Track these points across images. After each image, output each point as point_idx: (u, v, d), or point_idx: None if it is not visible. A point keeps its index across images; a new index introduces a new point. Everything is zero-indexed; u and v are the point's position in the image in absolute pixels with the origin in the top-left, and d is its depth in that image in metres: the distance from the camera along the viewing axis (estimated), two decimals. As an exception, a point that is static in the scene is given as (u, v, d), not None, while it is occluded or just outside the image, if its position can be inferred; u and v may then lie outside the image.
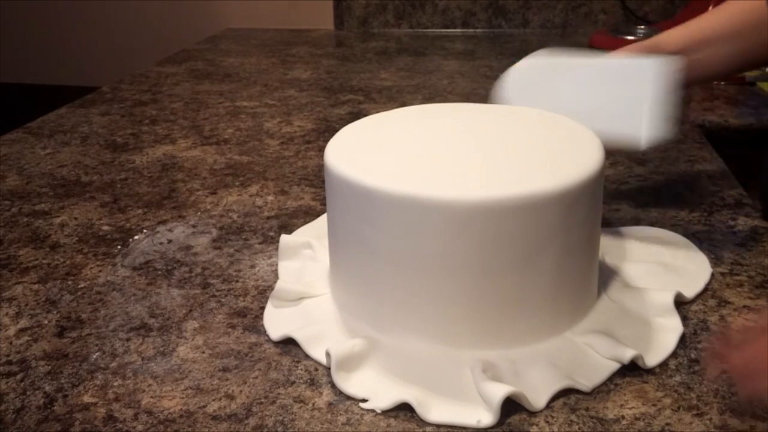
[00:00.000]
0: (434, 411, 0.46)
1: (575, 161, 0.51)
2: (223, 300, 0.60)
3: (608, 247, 0.64)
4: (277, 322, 0.56)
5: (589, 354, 0.51)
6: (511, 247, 0.48)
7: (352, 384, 0.49)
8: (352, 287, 0.55)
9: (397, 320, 0.52)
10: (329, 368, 0.51)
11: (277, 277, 0.63)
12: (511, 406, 0.46)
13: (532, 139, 0.57)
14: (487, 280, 0.49)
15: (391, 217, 0.49)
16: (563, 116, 0.60)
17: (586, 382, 0.48)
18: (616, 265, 0.62)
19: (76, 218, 0.75)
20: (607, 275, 0.60)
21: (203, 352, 0.53)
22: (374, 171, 0.51)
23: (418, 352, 0.51)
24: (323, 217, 0.71)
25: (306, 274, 0.61)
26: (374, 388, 0.48)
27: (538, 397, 0.47)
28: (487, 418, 0.45)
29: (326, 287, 0.59)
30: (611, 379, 0.49)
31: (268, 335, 0.55)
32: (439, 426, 0.45)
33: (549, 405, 0.47)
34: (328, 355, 0.50)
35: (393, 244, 0.49)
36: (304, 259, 0.64)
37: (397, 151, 0.55)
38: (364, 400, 0.47)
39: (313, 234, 0.67)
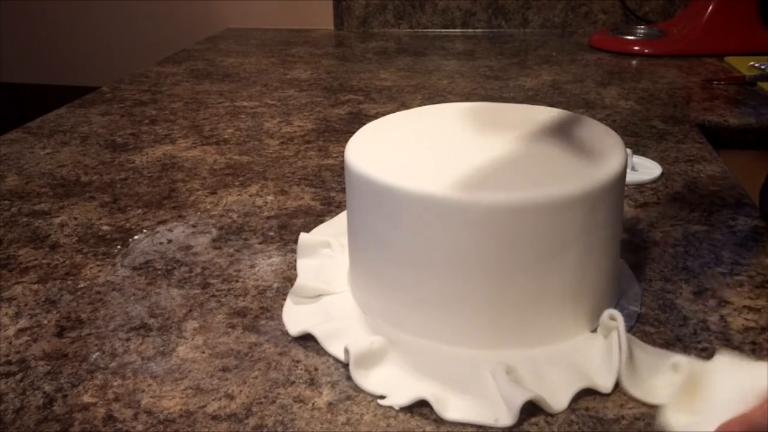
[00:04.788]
0: (452, 409, 0.46)
1: (598, 162, 0.51)
2: (223, 300, 0.60)
3: None
4: (296, 317, 0.56)
5: (608, 355, 0.50)
6: (532, 248, 0.48)
7: (370, 381, 0.49)
8: (372, 285, 0.55)
9: (416, 318, 0.52)
10: (329, 368, 0.51)
11: (277, 276, 0.63)
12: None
13: (555, 139, 0.56)
14: (507, 281, 0.49)
15: (411, 216, 0.49)
16: (586, 116, 0.60)
17: (605, 384, 0.48)
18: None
19: (75, 218, 0.75)
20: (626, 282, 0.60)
21: (203, 352, 0.53)
22: (396, 169, 0.50)
23: (436, 350, 0.51)
24: (342, 216, 0.71)
25: (325, 272, 0.61)
26: (392, 385, 0.48)
27: (559, 399, 0.47)
28: (506, 419, 0.45)
29: (345, 285, 0.59)
30: (611, 379, 0.49)
31: (268, 335, 0.55)
32: (440, 426, 0.46)
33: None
34: (346, 351, 0.50)
35: (413, 242, 0.49)
36: (323, 257, 0.64)
37: (419, 150, 0.55)
38: (382, 397, 0.48)
39: (332, 232, 0.67)
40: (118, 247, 0.69)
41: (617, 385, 0.48)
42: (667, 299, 0.58)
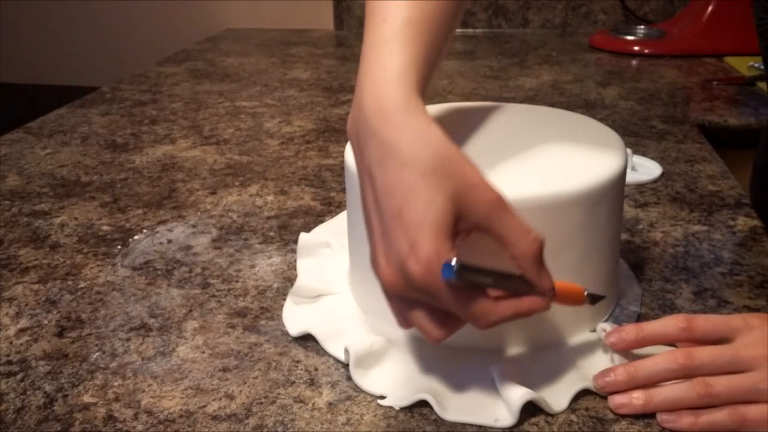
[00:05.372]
0: (452, 409, 0.46)
1: (598, 161, 0.51)
2: (223, 300, 0.60)
3: None
4: (296, 317, 0.56)
5: (608, 358, 0.50)
6: None
7: (370, 381, 0.49)
8: (372, 285, 0.55)
9: None
10: (329, 368, 0.51)
11: (277, 276, 0.63)
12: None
13: (555, 138, 0.56)
14: None
15: None
16: (586, 116, 0.60)
17: None
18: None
19: (76, 218, 0.75)
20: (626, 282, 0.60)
21: (203, 352, 0.53)
22: None
23: (436, 350, 0.51)
24: (342, 216, 0.72)
25: (325, 272, 0.61)
26: (392, 385, 0.49)
27: (559, 399, 0.47)
28: (506, 419, 0.45)
29: (345, 285, 0.59)
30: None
31: (268, 335, 0.55)
32: (440, 426, 0.46)
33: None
34: (346, 351, 0.50)
35: None
36: (323, 257, 0.64)
37: None
38: (382, 397, 0.48)
39: (332, 232, 0.67)
40: (118, 247, 0.69)
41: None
42: (667, 299, 0.58)
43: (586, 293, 0.47)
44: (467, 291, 0.39)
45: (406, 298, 0.41)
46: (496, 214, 0.40)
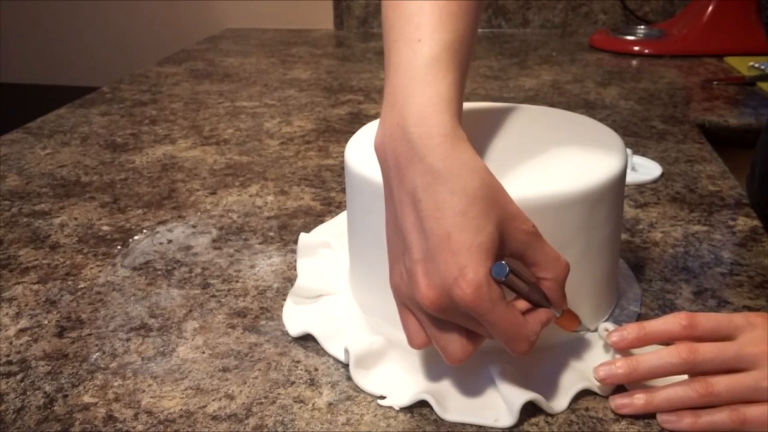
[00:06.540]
0: (452, 409, 0.46)
1: (598, 161, 0.51)
2: (223, 300, 0.60)
3: None
4: (296, 318, 0.56)
5: (608, 356, 0.50)
6: None
7: (370, 381, 0.49)
8: (372, 285, 0.55)
9: None
10: (329, 368, 0.51)
11: (277, 277, 0.63)
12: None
13: (555, 138, 0.56)
14: None
15: None
16: (586, 116, 0.60)
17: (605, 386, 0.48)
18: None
19: (76, 218, 0.75)
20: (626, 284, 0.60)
21: (203, 352, 0.53)
22: None
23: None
24: (342, 216, 0.72)
25: (325, 272, 0.61)
26: (392, 385, 0.49)
27: (559, 400, 0.47)
28: (506, 419, 0.45)
29: (345, 285, 0.59)
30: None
31: (268, 335, 0.55)
32: (440, 426, 0.46)
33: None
34: (346, 351, 0.50)
35: None
36: (323, 257, 0.64)
37: None
38: (382, 397, 0.48)
39: (332, 232, 0.67)
40: (118, 247, 0.69)
41: (617, 387, 0.48)
42: (667, 299, 0.58)
43: (579, 323, 0.49)
44: (508, 310, 0.41)
45: (437, 318, 0.43)
46: (532, 242, 0.43)
